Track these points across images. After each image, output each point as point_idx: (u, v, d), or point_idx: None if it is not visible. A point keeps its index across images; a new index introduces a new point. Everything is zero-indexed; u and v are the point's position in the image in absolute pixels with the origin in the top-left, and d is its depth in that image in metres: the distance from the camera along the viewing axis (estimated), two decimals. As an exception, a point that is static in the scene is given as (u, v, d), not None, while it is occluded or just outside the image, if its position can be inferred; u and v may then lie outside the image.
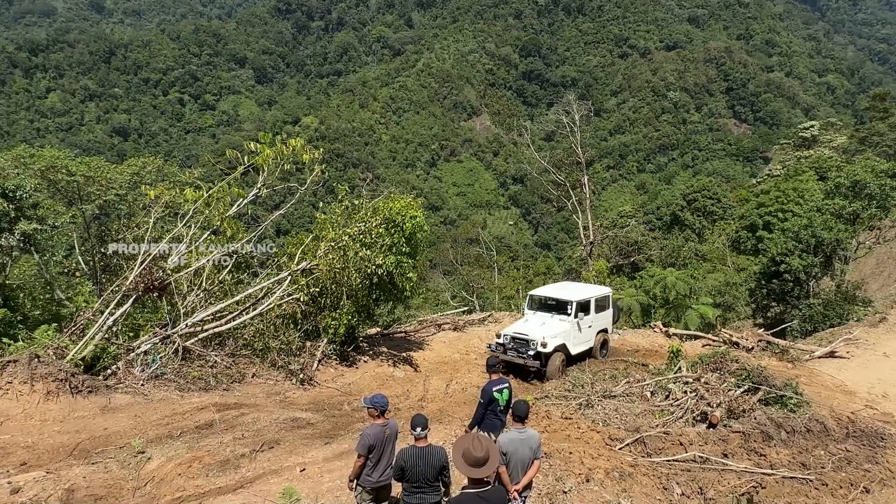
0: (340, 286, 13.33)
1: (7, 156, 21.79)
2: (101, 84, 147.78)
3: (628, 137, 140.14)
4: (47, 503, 7.10)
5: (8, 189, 17.56)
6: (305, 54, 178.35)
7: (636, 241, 37.89)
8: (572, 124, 32.99)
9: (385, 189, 17.42)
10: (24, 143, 31.20)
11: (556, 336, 14.46)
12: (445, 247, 50.14)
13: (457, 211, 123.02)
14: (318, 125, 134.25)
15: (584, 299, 15.46)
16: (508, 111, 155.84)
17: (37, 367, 9.29)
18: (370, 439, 6.01)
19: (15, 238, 18.24)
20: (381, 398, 6.29)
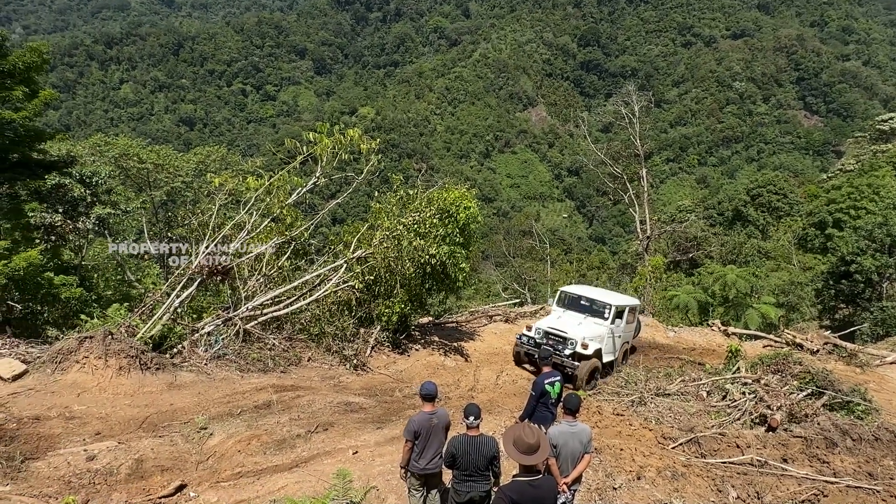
0: (394, 275, 13.54)
1: (84, 144, 23.07)
2: (170, 75, 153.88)
3: (690, 129, 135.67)
4: (119, 471, 7.56)
5: (85, 176, 18.57)
6: (363, 45, 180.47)
7: (695, 236, 36.75)
8: (631, 115, 32.23)
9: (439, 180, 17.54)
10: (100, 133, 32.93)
11: (594, 339, 13.64)
12: (498, 238, 49.99)
13: (510, 202, 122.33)
14: (375, 116, 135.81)
15: (620, 305, 14.66)
16: (565, 102, 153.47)
17: (110, 343, 9.86)
18: (415, 425, 6.11)
19: (91, 222, 19.30)
20: (428, 385, 6.37)
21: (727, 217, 48.41)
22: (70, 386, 9.30)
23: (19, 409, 8.50)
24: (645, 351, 17.09)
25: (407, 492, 6.48)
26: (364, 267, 13.55)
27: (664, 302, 26.22)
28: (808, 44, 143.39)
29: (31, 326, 14.19)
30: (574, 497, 6.37)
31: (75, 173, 17.89)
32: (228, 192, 15.39)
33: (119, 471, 7.56)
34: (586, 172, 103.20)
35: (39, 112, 14.63)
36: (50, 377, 9.47)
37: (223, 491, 7.26)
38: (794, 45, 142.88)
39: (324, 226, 17.86)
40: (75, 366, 9.59)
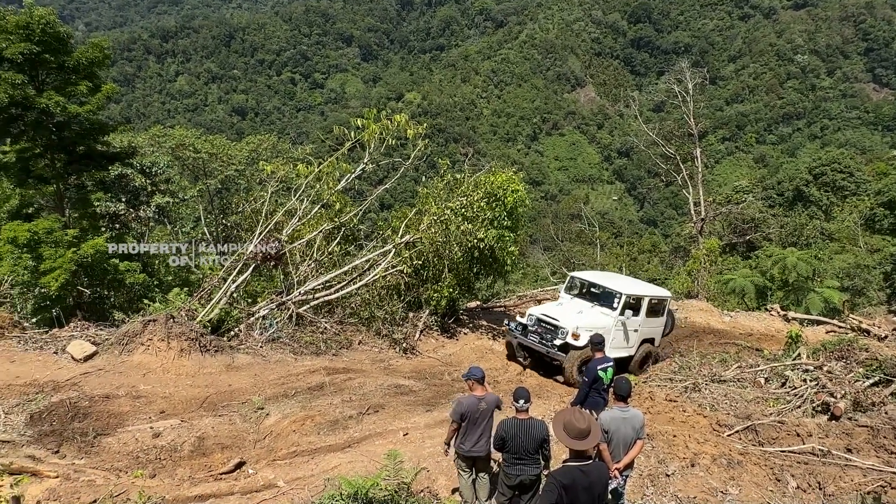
0: (442, 259, 13.60)
1: (144, 136, 23.95)
2: (222, 66, 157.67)
3: (747, 106, 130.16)
4: (182, 448, 7.93)
5: (145, 166, 19.30)
6: (409, 30, 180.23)
7: (753, 218, 35.38)
8: (684, 93, 31.14)
9: (486, 163, 17.44)
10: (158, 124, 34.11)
11: (591, 330, 11.81)
12: (546, 222, 49.44)
13: (558, 186, 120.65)
14: (421, 101, 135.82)
15: (635, 295, 12.90)
16: (615, 81, 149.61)
17: (172, 326, 10.30)
18: (462, 407, 6.17)
19: (151, 210, 20.12)
20: (475, 370, 6.42)
21: (787, 197, 46.42)
22: (136, 366, 9.78)
23: (91, 388, 9.00)
24: (699, 336, 16.65)
25: (456, 473, 6.56)
26: (412, 252, 13.66)
27: (719, 286, 25.45)
28: (877, 11, 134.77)
29: (98, 310, 14.96)
30: (626, 483, 6.30)
31: (136, 164, 18.64)
32: (280, 179, 15.74)
33: (182, 447, 7.93)
34: (637, 153, 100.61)
35: (102, 106, 15.21)
36: (118, 358, 9.98)
37: (279, 469, 7.52)
38: (863, 14, 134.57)
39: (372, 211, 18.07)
40: (140, 348, 10.07)
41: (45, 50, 13.68)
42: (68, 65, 14.31)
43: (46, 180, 14.80)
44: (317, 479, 6.98)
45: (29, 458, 6.86)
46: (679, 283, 25.81)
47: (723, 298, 24.28)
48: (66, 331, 11.22)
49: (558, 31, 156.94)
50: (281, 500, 6.55)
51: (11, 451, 7.04)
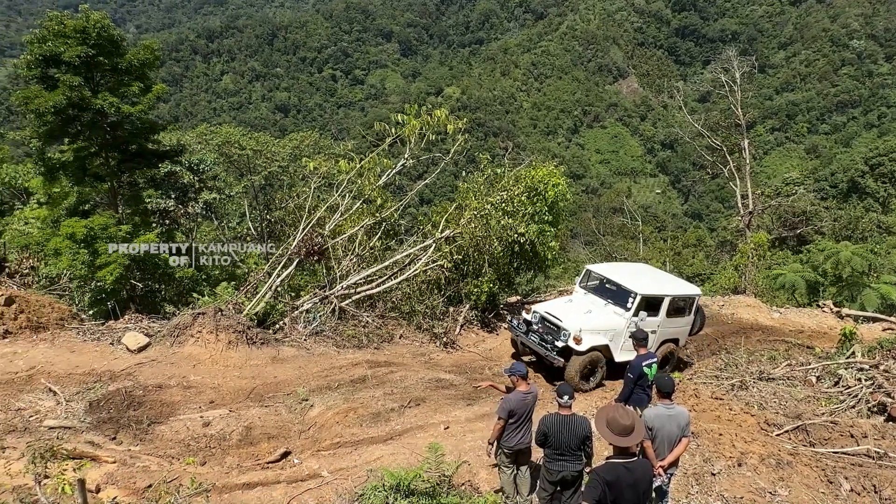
0: (482, 254, 13.60)
1: (192, 134, 24.65)
2: (266, 65, 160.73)
3: (798, 95, 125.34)
4: (231, 437, 8.18)
5: (193, 163, 19.86)
6: (448, 24, 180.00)
7: (804, 210, 34.15)
8: (732, 83, 30.22)
9: (526, 157, 17.33)
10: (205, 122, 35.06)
11: (597, 331, 11.19)
12: (587, 216, 48.90)
13: (599, 179, 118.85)
14: (460, 95, 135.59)
15: (653, 295, 11.74)
16: (658, 72, 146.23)
17: (220, 319, 10.62)
18: (511, 404, 6.17)
19: (199, 206, 20.69)
20: (518, 366, 6.42)
21: (841, 189, 44.66)
22: (186, 358, 10.13)
23: (144, 378, 9.37)
24: (746, 333, 16.19)
25: (497, 468, 6.58)
26: (452, 246, 13.70)
27: (768, 281, 24.68)
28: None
29: (150, 303, 15.52)
30: (670, 481, 6.21)
31: (185, 161, 19.20)
32: (322, 175, 15.99)
33: (231, 436, 8.18)
34: (682, 145, 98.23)
35: (153, 105, 15.69)
36: (169, 349, 10.34)
37: (323, 459, 7.68)
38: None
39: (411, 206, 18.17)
40: (190, 339, 10.42)
41: (100, 53, 14.20)
42: (121, 66, 14.82)
43: (101, 178, 15.40)
44: (360, 470, 7.11)
45: (89, 444, 7.20)
46: (725, 279, 25.15)
47: (771, 294, 23.55)
48: (121, 323, 11.68)
49: (600, 22, 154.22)
50: (325, 489, 6.69)
51: (73, 436, 7.40)
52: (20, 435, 7.33)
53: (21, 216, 21.39)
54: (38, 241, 16.75)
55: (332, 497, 6.51)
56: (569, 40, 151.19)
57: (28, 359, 9.70)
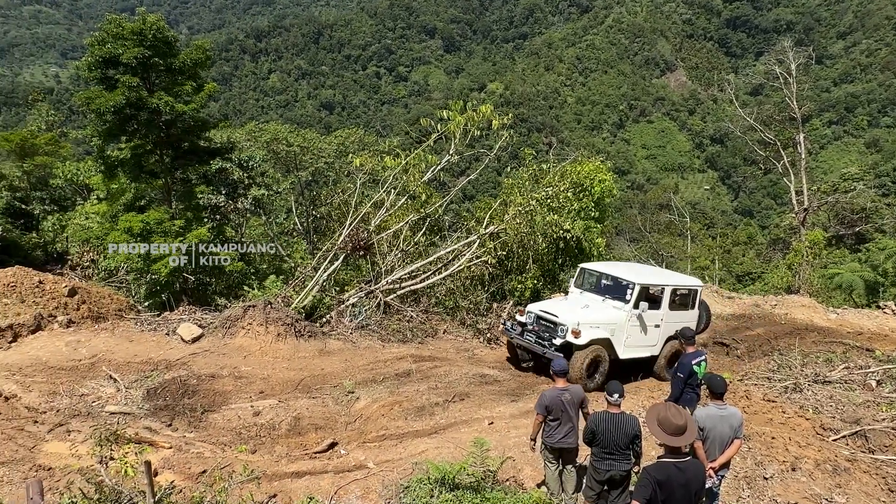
0: (527, 250, 13.54)
1: (241, 131, 25.31)
2: (311, 63, 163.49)
3: (858, 87, 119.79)
4: (280, 426, 8.39)
5: (243, 160, 20.37)
6: (491, 20, 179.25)
7: (863, 207, 32.65)
8: (787, 74, 29.13)
9: (570, 153, 17.14)
10: (253, 120, 35.92)
11: (597, 325, 10.66)
12: (632, 213, 47.99)
13: (645, 175, 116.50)
14: (503, 90, 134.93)
15: (653, 285, 11.36)
16: (708, 64, 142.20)
17: (270, 312, 10.90)
18: (546, 400, 6.15)
19: (248, 202, 21.22)
20: (558, 362, 6.37)
21: (904, 185, 42.49)
22: (238, 349, 10.43)
23: (198, 368, 9.70)
24: (801, 334, 15.63)
25: (543, 464, 6.56)
26: (496, 242, 13.68)
27: (824, 281, 23.76)
28: None
29: (202, 296, 16.02)
30: (721, 483, 6.07)
31: (235, 158, 19.72)
32: (367, 171, 16.19)
33: (280, 426, 8.39)
34: (732, 140, 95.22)
35: (204, 104, 16.19)
36: (221, 340, 10.67)
37: (369, 451, 7.79)
38: None
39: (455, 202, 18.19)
40: (241, 331, 10.73)
41: (156, 53, 14.72)
42: (175, 66, 15.33)
43: (156, 175, 15.98)
44: (405, 463, 7.18)
45: (147, 430, 7.50)
46: (778, 278, 24.34)
47: (827, 294, 22.67)
48: (175, 314, 12.11)
49: (647, 14, 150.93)
50: (371, 480, 6.79)
51: (132, 422, 7.72)
52: (84, 419, 7.70)
53: (82, 211, 22.39)
54: (97, 234, 17.51)
55: (378, 488, 6.60)
56: (615, 33, 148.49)
57: (90, 347, 10.17)
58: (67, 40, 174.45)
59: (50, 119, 32.31)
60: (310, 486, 6.49)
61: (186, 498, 5.78)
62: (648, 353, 11.49)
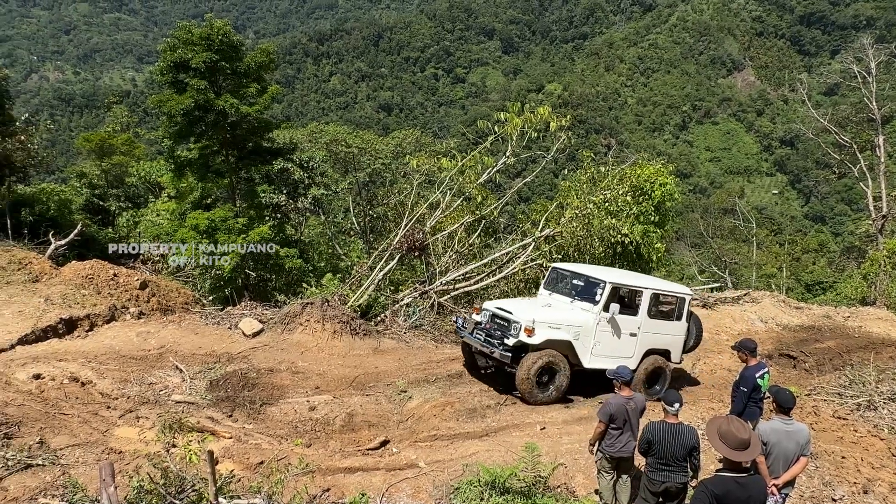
0: (583, 254, 13.33)
1: (302, 132, 26.01)
2: (371, 65, 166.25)
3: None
4: (334, 422, 8.56)
5: (304, 160, 20.92)
6: (551, 20, 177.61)
7: (949, 215, 30.49)
8: (865, 73, 27.56)
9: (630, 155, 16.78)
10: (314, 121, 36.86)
11: (557, 325, 9.39)
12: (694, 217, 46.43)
13: (709, 178, 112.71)
14: (562, 91, 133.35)
15: (627, 286, 10.17)
16: (779, 63, 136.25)
17: (327, 309, 11.16)
18: (612, 408, 6.03)
19: (308, 201, 21.78)
20: (623, 370, 6.25)
21: None
22: (295, 344, 10.72)
23: (258, 362, 10.02)
24: (876, 348, 14.74)
25: (596, 472, 6.44)
26: (552, 245, 13.54)
27: (904, 292, 22.32)
28: None
29: (262, 292, 16.56)
30: (784, 502, 5.80)
31: (296, 159, 20.29)
32: (423, 172, 16.34)
33: (334, 422, 8.56)
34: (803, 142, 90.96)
35: (268, 105, 16.77)
36: (280, 336, 11.00)
37: (421, 450, 7.85)
38: None
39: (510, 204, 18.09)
40: (299, 328, 11.02)
41: (222, 57, 15.34)
42: (240, 70, 15.94)
43: (222, 174, 16.64)
44: (455, 464, 7.20)
45: (209, 420, 7.81)
46: (852, 288, 23.06)
47: (908, 307, 21.27)
48: (237, 309, 12.56)
49: (714, 12, 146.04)
50: (422, 480, 6.84)
51: (195, 411, 8.05)
52: (152, 406, 8.08)
53: (153, 208, 23.55)
54: (167, 231, 18.36)
55: (429, 488, 6.64)
56: (679, 32, 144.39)
57: (159, 338, 10.67)
58: (143, 46, 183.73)
59: (126, 121, 34.15)
60: (362, 482, 6.60)
61: (245, 487, 5.98)
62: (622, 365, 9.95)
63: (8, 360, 9.06)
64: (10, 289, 11.96)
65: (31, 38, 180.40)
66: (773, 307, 16.73)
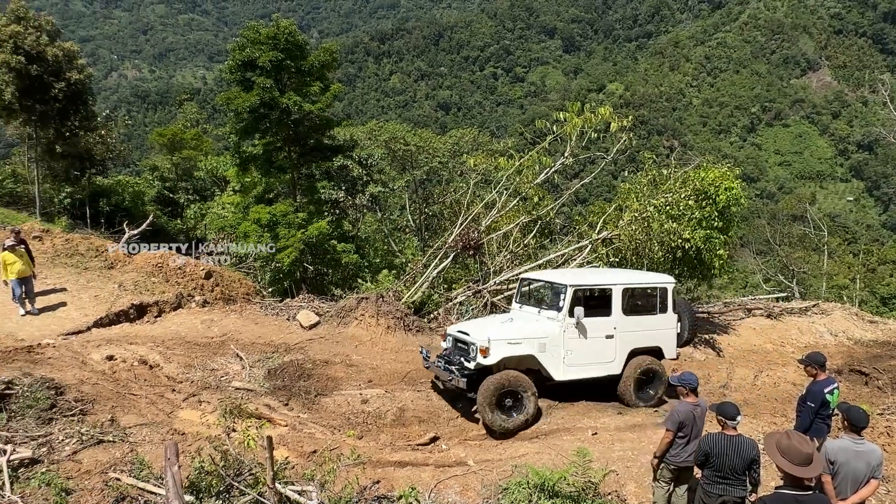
0: (641, 258, 13.00)
1: (362, 130, 26.47)
2: (430, 64, 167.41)
3: None
4: (386, 416, 8.69)
5: (363, 158, 21.29)
6: (614, 19, 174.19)
7: None
8: (957, 75, 25.77)
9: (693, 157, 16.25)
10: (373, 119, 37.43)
11: (517, 341, 8.75)
12: (761, 223, 44.53)
13: (777, 183, 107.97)
14: (623, 91, 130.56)
15: (592, 285, 9.56)
16: (858, 63, 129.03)
17: (381, 304, 11.33)
18: (680, 416, 5.82)
19: (366, 198, 22.16)
20: (690, 376, 6.04)
21: None
22: (350, 338, 10.93)
23: (314, 353, 10.28)
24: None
25: (652, 480, 6.27)
26: (609, 248, 13.27)
27: None
28: None
29: (319, 285, 16.96)
30: (851, 525, 5.49)
31: (355, 156, 20.67)
32: (480, 171, 16.34)
33: (386, 416, 8.69)
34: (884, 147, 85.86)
35: (330, 103, 17.16)
36: (335, 329, 11.24)
37: (470, 449, 7.87)
38: None
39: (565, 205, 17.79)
40: (354, 322, 11.23)
41: (288, 56, 15.80)
42: (304, 68, 16.36)
43: (284, 170, 17.13)
44: (504, 464, 7.18)
45: (266, 407, 8.07)
46: (934, 303, 21.62)
47: None
48: (295, 301, 12.91)
49: (788, 9, 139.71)
50: (470, 478, 6.85)
51: (254, 398, 8.34)
52: (213, 392, 8.42)
53: (219, 202, 24.49)
54: (231, 223, 19.07)
55: (477, 486, 6.64)
56: (750, 30, 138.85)
57: (221, 326, 11.10)
58: (214, 45, 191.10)
59: (195, 117, 35.65)
60: (411, 477, 6.66)
61: (298, 474, 6.15)
62: (604, 372, 9.37)
63: (84, 341, 9.63)
64: (88, 274, 12.70)
65: (112, 38, 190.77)
66: (845, 320, 15.90)
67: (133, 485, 5.55)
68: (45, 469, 5.65)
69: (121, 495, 5.44)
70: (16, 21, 19.48)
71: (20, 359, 8.19)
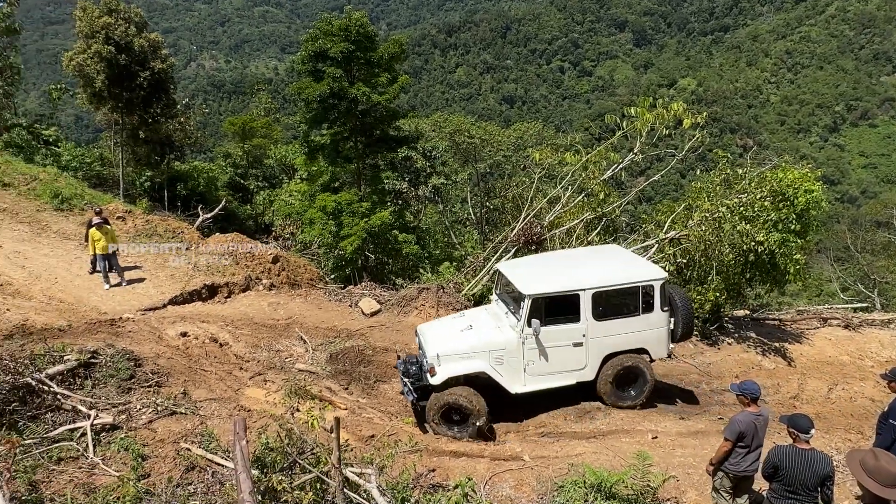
0: (710, 260, 12.55)
1: (427, 122, 26.63)
2: (497, 57, 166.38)
3: None
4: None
5: (427, 150, 21.44)
6: (689, 11, 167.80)
7: None
8: None
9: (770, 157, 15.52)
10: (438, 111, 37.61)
11: (466, 355, 8.12)
12: (841, 228, 42.06)
13: (860, 186, 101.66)
14: (696, 87, 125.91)
15: (555, 293, 8.37)
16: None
17: (441, 296, 11.42)
18: (741, 426, 5.62)
19: (428, 190, 22.32)
20: (751, 385, 5.82)
21: None
22: (409, 327, 11.07)
23: (374, 340, 10.48)
24: None
25: (712, 491, 6.08)
26: (677, 249, 12.87)
27: None
28: None
29: (379, 274, 17.24)
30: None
31: (420, 148, 20.85)
32: (544, 166, 16.16)
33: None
34: (984, 151, 79.28)
35: (397, 95, 17.35)
36: (395, 317, 11.41)
37: (526, 444, 7.84)
38: None
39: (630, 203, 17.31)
40: (414, 311, 11.37)
41: (358, 48, 16.07)
42: (373, 60, 16.60)
43: (350, 160, 17.48)
44: (560, 462, 7.11)
45: (328, 390, 8.30)
46: None
47: None
48: (358, 288, 13.19)
49: (881, 1, 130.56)
50: (525, 473, 6.83)
51: (316, 381, 8.59)
52: (278, 372, 8.73)
53: (287, 189, 25.26)
54: (298, 210, 19.64)
55: (532, 482, 6.61)
56: (837, 23, 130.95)
57: (287, 309, 11.47)
58: (286, 37, 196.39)
59: (267, 106, 36.81)
60: (466, 468, 6.70)
61: (356, 457, 6.29)
62: (574, 380, 8.69)
63: (161, 317, 10.16)
64: (164, 254, 13.38)
65: (192, 29, 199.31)
66: (933, 337, 14.85)
67: (202, 455, 5.83)
68: (123, 435, 6.01)
69: (191, 465, 5.73)
70: (108, 13, 20.63)
71: (103, 331, 8.73)
